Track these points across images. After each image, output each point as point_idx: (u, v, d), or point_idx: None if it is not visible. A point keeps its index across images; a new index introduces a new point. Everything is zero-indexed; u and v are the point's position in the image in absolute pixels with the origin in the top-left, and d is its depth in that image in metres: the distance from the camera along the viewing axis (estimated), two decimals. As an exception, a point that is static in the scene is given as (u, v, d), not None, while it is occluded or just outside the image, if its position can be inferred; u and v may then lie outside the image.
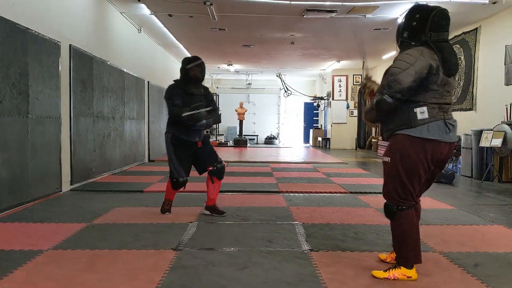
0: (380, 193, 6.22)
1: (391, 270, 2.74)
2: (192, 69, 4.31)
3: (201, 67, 4.38)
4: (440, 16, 2.67)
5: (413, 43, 2.67)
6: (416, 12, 2.70)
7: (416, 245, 2.71)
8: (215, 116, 4.47)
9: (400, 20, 9.07)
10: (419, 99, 2.60)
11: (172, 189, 4.48)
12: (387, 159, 2.71)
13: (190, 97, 4.30)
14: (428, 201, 5.52)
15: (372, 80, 3.06)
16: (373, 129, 16.16)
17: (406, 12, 2.76)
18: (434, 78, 2.58)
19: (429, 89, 2.60)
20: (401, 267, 2.71)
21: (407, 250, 2.70)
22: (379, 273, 2.76)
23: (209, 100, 4.48)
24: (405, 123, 2.62)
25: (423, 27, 2.64)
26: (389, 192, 2.72)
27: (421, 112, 2.59)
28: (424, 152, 2.60)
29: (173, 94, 4.28)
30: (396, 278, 2.70)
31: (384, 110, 2.63)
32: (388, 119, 2.71)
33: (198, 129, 4.36)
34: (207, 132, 4.54)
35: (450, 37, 9.32)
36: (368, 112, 2.79)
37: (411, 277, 2.71)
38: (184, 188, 4.48)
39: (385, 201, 2.77)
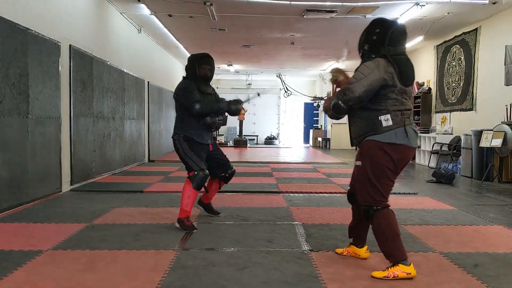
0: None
1: (389, 268, 2.76)
2: (203, 68, 4.08)
3: (212, 65, 4.17)
4: (398, 32, 2.83)
5: (373, 56, 2.83)
6: (376, 27, 2.86)
7: (398, 242, 2.79)
8: (225, 118, 4.30)
9: (399, 20, 9.02)
10: (382, 107, 2.77)
11: (193, 189, 3.93)
12: (358, 163, 2.89)
13: (203, 96, 4.04)
14: (428, 201, 5.52)
15: (339, 70, 3.18)
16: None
17: (368, 25, 2.91)
18: (391, 88, 2.76)
19: (388, 98, 2.77)
20: (399, 264, 2.74)
21: (391, 247, 2.78)
22: (378, 273, 2.78)
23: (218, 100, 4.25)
24: (371, 130, 2.80)
25: (382, 42, 2.80)
26: (363, 195, 2.85)
27: (386, 120, 2.77)
28: (391, 156, 2.77)
29: (192, 89, 3.96)
30: (396, 275, 2.72)
31: (338, 113, 2.88)
32: (355, 126, 2.92)
33: (209, 131, 4.12)
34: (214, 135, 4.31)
35: (450, 38, 9.31)
36: (328, 108, 2.95)
37: (410, 273, 2.73)
38: (206, 190, 4.19)
39: (361, 206, 2.88)
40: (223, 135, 20.59)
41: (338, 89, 3.02)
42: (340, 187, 6.51)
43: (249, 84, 20.65)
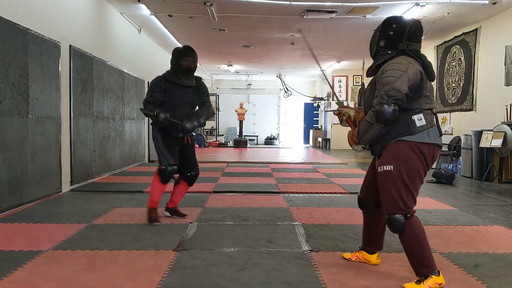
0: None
1: (423, 282, 2.57)
2: (185, 59, 4.15)
3: (194, 57, 4.21)
4: (417, 28, 2.71)
5: (389, 52, 2.69)
6: (393, 22, 2.72)
7: (430, 251, 2.66)
8: (206, 112, 4.31)
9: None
10: (414, 106, 2.60)
11: (160, 183, 4.14)
12: (389, 167, 2.60)
13: (181, 90, 4.15)
14: (428, 202, 5.52)
15: (345, 106, 3.04)
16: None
17: (382, 23, 2.77)
18: (424, 84, 2.61)
19: (422, 95, 2.61)
20: (432, 276, 2.57)
21: (427, 256, 2.60)
22: (412, 286, 2.58)
23: (200, 93, 4.32)
24: (404, 131, 2.58)
25: (400, 37, 2.66)
26: (394, 202, 2.59)
27: (419, 119, 2.59)
28: (424, 156, 2.60)
29: (155, 88, 4.12)
30: (430, 287, 2.55)
31: (388, 120, 2.51)
32: (386, 131, 2.62)
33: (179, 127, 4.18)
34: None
35: (450, 38, 9.29)
36: (364, 133, 2.66)
37: (441, 283, 2.59)
38: (175, 181, 4.32)
39: (388, 215, 2.63)
40: (223, 135, 20.60)
41: (355, 123, 2.88)
42: (340, 187, 6.51)
43: (249, 84, 20.66)
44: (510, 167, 7.60)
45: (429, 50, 11.44)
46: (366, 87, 2.96)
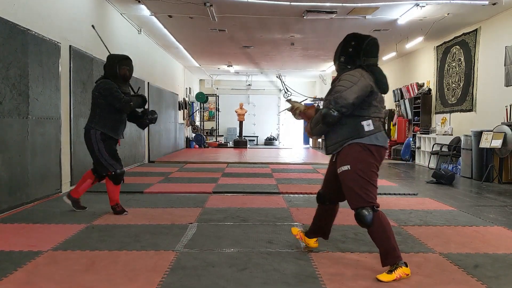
0: (380, 193, 6.23)
1: (394, 272, 2.76)
2: (123, 68, 4.47)
3: (131, 66, 4.56)
4: (372, 44, 3.03)
5: (349, 67, 3.02)
6: (352, 40, 3.05)
7: (395, 240, 2.87)
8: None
9: (399, 21, 9.00)
10: (364, 113, 2.93)
11: (114, 185, 4.50)
12: (346, 167, 2.90)
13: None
14: (428, 202, 5.52)
15: (294, 101, 3.37)
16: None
17: (343, 40, 3.10)
18: (374, 96, 2.94)
19: (371, 105, 2.95)
20: (402, 267, 2.78)
21: (394, 246, 2.83)
22: (386, 276, 2.76)
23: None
24: (354, 134, 2.92)
25: (358, 53, 2.99)
26: (358, 198, 2.85)
27: (368, 125, 2.92)
28: (374, 156, 2.91)
29: (117, 88, 4.37)
30: (400, 276, 2.76)
31: (330, 122, 2.92)
32: (334, 133, 2.99)
33: (124, 126, 4.59)
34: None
35: (450, 38, 9.33)
36: (314, 126, 3.07)
37: (408, 274, 2.80)
38: (123, 182, 4.63)
39: (356, 210, 2.86)
40: (223, 135, 20.60)
41: (307, 118, 3.24)
42: (340, 188, 6.50)
43: (249, 85, 20.66)
44: (510, 168, 7.60)
45: (429, 51, 11.44)
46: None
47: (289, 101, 3.40)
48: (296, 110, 3.30)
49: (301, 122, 21.54)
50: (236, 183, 6.94)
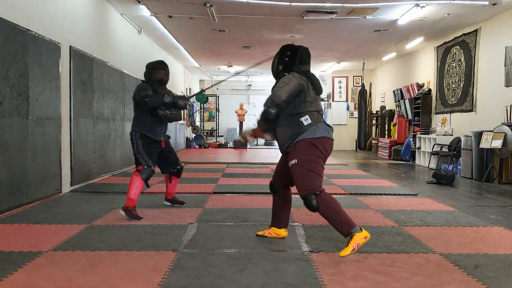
0: (380, 194, 6.24)
1: (350, 243, 3.05)
2: (158, 72, 4.63)
3: (166, 70, 4.73)
4: (305, 54, 3.46)
5: (285, 74, 3.41)
6: (287, 50, 3.47)
7: (345, 212, 3.17)
8: (178, 113, 4.77)
9: (399, 22, 9.00)
10: (301, 110, 3.29)
11: (142, 181, 4.45)
12: (294, 161, 3.25)
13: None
14: (428, 203, 5.52)
15: (242, 135, 3.75)
16: (373, 130, 16.17)
17: (279, 51, 3.52)
18: (307, 93, 3.31)
19: (306, 101, 3.30)
20: (355, 234, 3.07)
21: (344, 218, 3.13)
22: (344, 251, 3.06)
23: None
24: (297, 131, 3.28)
25: (293, 61, 3.42)
26: (304, 186, 3.21)
27: (305, 119, 3.27)
28: (318, 147, 3.24)
29: (145, 89, 4.49)
30: (358, 244, 3.05)
31: (269, 118, 3.31)
32: (283, 135, 3.36)
33: (163, 128, 4.66)
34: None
35: (450, 39, 9.38)
36: (260, 125, 3.47)
37: (366, 236, 3.09)
38: (148, 185, 4.62)
39: (303, 198, 3.21)
40: (223, 136, 20.59)
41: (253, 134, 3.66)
42: (340, 188, 6.51)
43: (249, 85, 20.66)
44: (510, 168, 7.60)
45: (429, 51, 11.45)
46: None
47: (240, 140, 3.86)
48: (247, 138, 3.69)
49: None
50: (236, 183, 6.94)
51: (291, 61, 3.42)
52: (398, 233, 3.96)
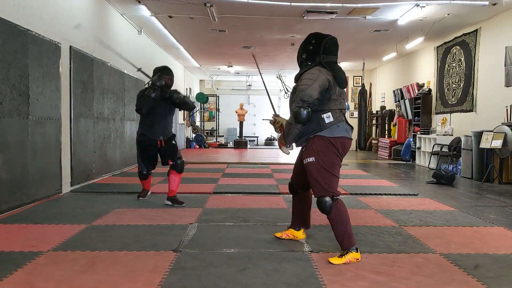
0: (380, 194, 6.24)
1: (345, 256, 3.08)
2: (163, 77, 4.92)
3: (171, 75, 5.06)
4: (331, 43, 3.28)
5: (309, 63, 3.27)
6: (312, 38, 3.33)
7: (351, 227, 3.19)
8: (188, 100, 5.13)
9: (399, 22, 8.99)
10: (324, 107, 3.17)
11: (140, 180, 5.40)
12: (311, 159, 3.16)
13: (161, 102, 4.94)
14: (428, 203, 5.52)
15: (278, 116, 3.58)
16: (374, 130, 16.17)
17: (305, 39, 3.37)
18: (333, 90, 3.18)
19: (331, 99, 3.18)
20: (352, 252, 3.10)
21: (350, 233, 3.14)
22: (336, 260, 3.08)
23: (173, 98, 5.02)
24: (317, 127, 3.17)
25: (317, 51, 3.25)
26: (321, 188, 3.13)
27: (327, 117, 3.17)
28: (336, 147, 3.16)
29: (139, 96, 4.98)
30: (350, 261, 3.07)
31: (302, 120, 3.10)
32: (302, 129, 3.19)
33: (161, 128, 5.01)
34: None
35: (450, 39, 9.34)
36: (288, 132, 3.23)
37: (358, 259, 3.11)
38: (146, 179, 5.43)
39: (318, 197, 3.15)
40: (223, 136, 20.60)
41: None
42: (340, 188, 6.48)
43: (249, 85, 20.66)
44: (510, 168, 7.60)
45: (429, 51, 11.45)
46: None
47: (275, 115, 3.61)
48: (277, 124, 3.53)
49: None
50: (237, 183, 6.94)
51: (315, 50, 3.26)
52: (398, 233, 3.96)
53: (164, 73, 4.97)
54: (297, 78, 3.30)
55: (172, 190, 5.14)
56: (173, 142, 5.19)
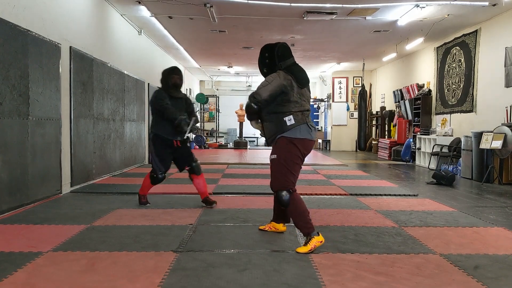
0: (380, 195, 6.24)
1: (309, 243, 3.31)
2: (173, 77, 5.04)
3: (180, 75, 5.15)
4: (282, 49, 3.59)
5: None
6: (265, 52, 3.63)
7: (309, 216, 3.43)
8: (195, 121, 5.05)
9: (399, 22, 8.99)
10: (285, 110, 3.44)
11: (151, 184, 5.04)
12: (274, 156, 3.49)
13: (174, 100, 4.95)
14: (428, 203, 5.52)
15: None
16: (374, 131, 16.17)
17: (259, 54, 3.69)
18: (290, 93, 3.43)
19: (291, 101, 3.44)
20: (314, 237, 3.33)
21: (306, 221, 3.39)
22: (303, 249, 3.30)
23: (188, 104, 5.17)
24: (280, 129, 3.46)
25: (273, 61, 3.56)
26: (279, 182, 3.44)
27: (289, 120, 3.43)
28: (298, 148, 3.43)
29: (163, 96, 4.91)
30: (315, 246, 3.30)
31: (250, 112, 3.53)
32: (267, 130, 3.55)
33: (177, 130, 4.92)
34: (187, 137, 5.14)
35: (450, 39, 9.36)
36: (246, 115, 3.64)
37: (322, 241, 3.35)
38: (160, 182, 5.11)
39: (276, 192, 3.47)
40: (223, 136, 20.60)
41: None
42: (340, 189, 6.51)
43: (249, 85, 20.67)
44: (510, 169, 7.60)
45: (429, 52, 11.45)
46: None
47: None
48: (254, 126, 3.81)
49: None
50: (237, 184, 6.94)
51: (271, 62, 3.57)
52: (398, 233, 3.96)
53: (173, 73, 5.09)
54: None
55: (203, 192, 5.15)
56: (188, 144, 5.11)
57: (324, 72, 17.57)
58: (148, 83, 10.55)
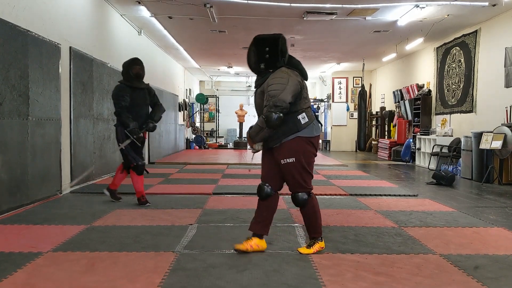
0: (380, 195, 6.23)
1: (313, 247, 3.30)
2: (134, 68, 5.03)
3: (142, 65, 5.14)
4: (284, 42, 3.29)
5: (271, 70, 3.24)
6: (264, 46, 3.26)
7: (321, 220, 3.40)
8: (159, 111, 5.23)
9: (399, 22, 8.94)
10: (297, 108, 3.22)
11: (138, 175, 5.09)
12: (291, 160, 3.22)
13: (136, 92, 5.01)
14: (428, 203, 5.52)
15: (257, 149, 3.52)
16: (373, 131, 16.17)
17: (253, 46, 3.31)
18: (303, 89, 3.25)
19: (301, 98, 3.24)
20: (319, 242, 3.33)
21: (319, 225, 3.35)
22: (305, 250, 3.30)
23: (151, 95, 5.25)
24: (293, 129, 3.20)
25: (276, 57, 3.23)
26: (299, 185, 3.29)
27: (303, 118, 3.23)
28: (314, 146, 3.32)
29: (124, 93, 4.93)
30: (317, 250, 3.29)
31: (274, 125, 3.12)
32: (281, 131, 3.21)
33: (143, 121, 5.09)
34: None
35: (450, 40, 9.33)
36: (256, 134, 3.25)
37: (323, 247, 3.34)
38: (147, 172, 5.32)
39: (295, 193, 3.31)
40: (223, 137, 20.60)
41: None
42: (340, 189, 6.51)
43: (249, 86, 20.66)
44: (510, 169, 7.60)
45: (429, 52, 11.45)
46: (255, 94, 3.42)
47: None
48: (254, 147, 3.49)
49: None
50: (236, 184, 6.94)
51: (273, 58, 3.22)
52: (398, 234, 3.96)
53: (134, 64, 5.08)
54: (259, 84, 3.29)
55: (116, 184, 5.36)
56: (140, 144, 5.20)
57: (324, 72, 17.57)
58: (148, 83, 10.51)
